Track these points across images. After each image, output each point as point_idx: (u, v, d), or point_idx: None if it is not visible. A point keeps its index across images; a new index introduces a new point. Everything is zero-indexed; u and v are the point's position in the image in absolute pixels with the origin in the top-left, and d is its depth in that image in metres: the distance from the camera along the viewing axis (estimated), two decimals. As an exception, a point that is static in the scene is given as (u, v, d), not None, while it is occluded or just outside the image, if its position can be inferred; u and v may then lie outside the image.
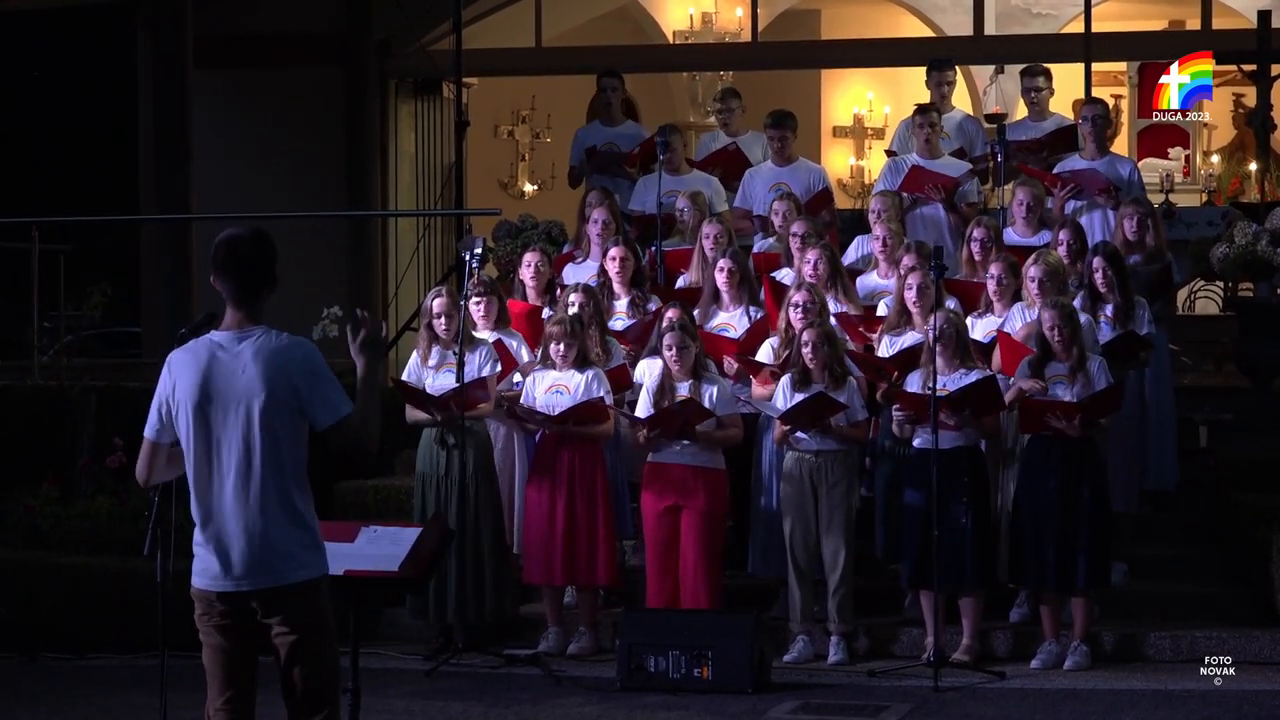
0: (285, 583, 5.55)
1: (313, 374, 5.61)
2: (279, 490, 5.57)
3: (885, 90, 21.12)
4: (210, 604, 5.59)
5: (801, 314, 9.86)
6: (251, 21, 16.48)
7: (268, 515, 5.55)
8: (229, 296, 5.64)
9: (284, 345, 5.62)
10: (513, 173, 20.17)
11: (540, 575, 9.95)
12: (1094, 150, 11.59)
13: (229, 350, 5.59)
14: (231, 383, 5.56)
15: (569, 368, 9.84)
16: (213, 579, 5.56)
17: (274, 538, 5.55)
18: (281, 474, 5.58)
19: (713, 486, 9.68)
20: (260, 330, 5.62)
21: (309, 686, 5.59)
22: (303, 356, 5.62)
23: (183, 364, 5.64)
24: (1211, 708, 8.73)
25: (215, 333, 5.65)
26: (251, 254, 5.63)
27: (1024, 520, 9.48)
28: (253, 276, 5.63)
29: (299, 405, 5.58)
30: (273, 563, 5.54)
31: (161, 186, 15.07)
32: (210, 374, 5.58)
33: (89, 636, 10.23)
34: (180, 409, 5.62)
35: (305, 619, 5.58)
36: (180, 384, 5.62)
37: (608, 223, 11.25)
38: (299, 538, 5.60)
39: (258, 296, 5.64)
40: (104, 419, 11.43)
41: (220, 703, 5.63)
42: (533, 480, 9.99)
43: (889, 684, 9.25)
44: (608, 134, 12.91)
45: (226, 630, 5.59)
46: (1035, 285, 9.85)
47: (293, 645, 5.56)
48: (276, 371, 5.56)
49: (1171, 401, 10.78)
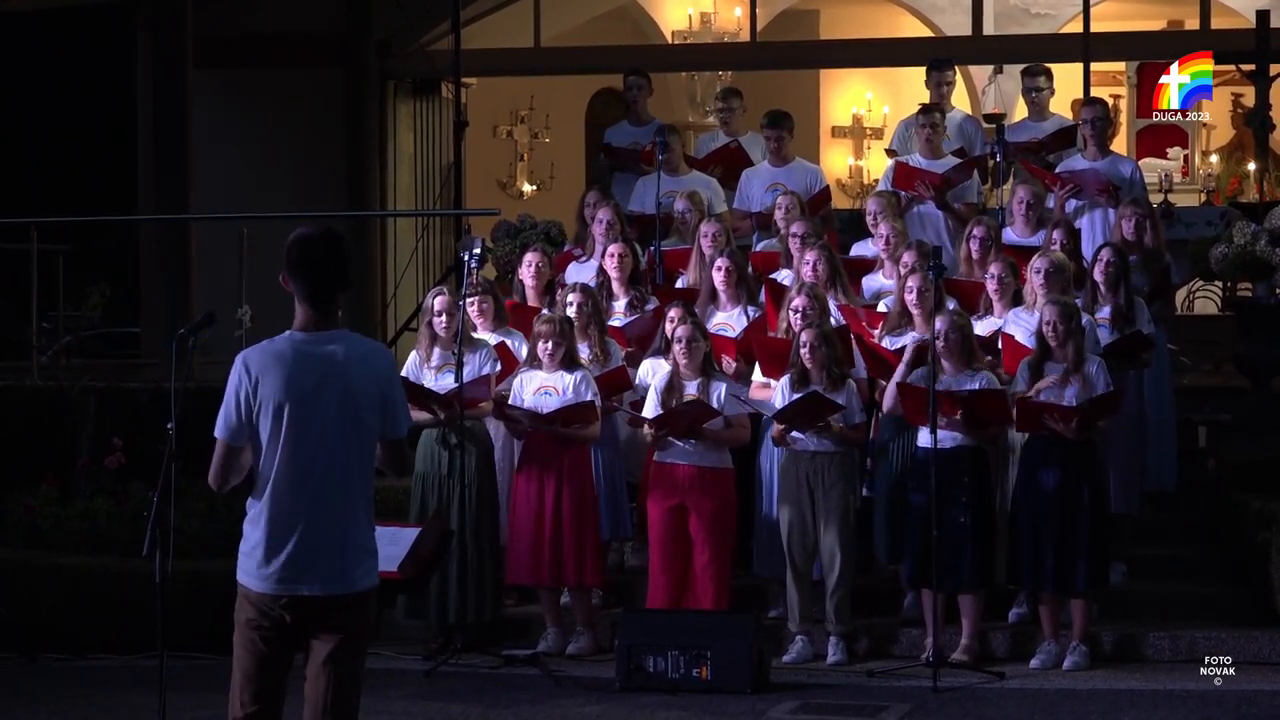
0: (355, 590, 5.50)
1: (394, 383, 5.61)
2: (364, 495, 5.54)
3: (884, 90, 21.12)
4: (268, 609, 5.47)
5: (801, 318, 9.86)
6: (251, 21, 16.50)
7: (355, 519, 5.50)
8: (305, 297, 5.53)
9: (372, 350, 5.60)
10: (511, 173, 20.19)
11: (524, 576, 9.94)
12: (1095, 151, 11.59)
13: (316, 350, 5.50)
14: (324, 384, 5.47)
15: (557, 368, 9.81)
16: (280, 582, 5.45)
17: (357, 543, 5.51)
18: (366, 478, 5.55)
19: (720, 487, 9.67)
20: (344, 332, 5.56)
21: (340, 693, 5.51)
22: (388, 364, 5.62)
23: (266, 363, 5.50)
24: (1211, 708, 8.72)
25: (295, 332, 5.54)
26: (327, 254, 5.54)
27: (1023, 521, 9.48)
28: (329, 276, 5.54)
29: (383, 412, 5.54)
30: (349, 569, 5.49)
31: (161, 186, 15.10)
32: (300, 374, 5.47)
33: (88, 637, 10.22)
34: (265, 408, 5.47)
35: (357, 626, 5.52)
36: (265, 383, 5.48)
37: (612, 223, 11.24)
38: (370, 544, 5.58)
39: (334, 296, 5.56)
40: (103, 419, 11.42)
41: (252, 709, 5.53)
42: (519, 480, 9.97)
43: (888, 684, 9.24)
44: (634, 134, 12.87)
45: (275, 638, 5.49)
46: (1041, 279, 9.83)
47: (334, 649, 5.48)
48: (368, 374, 5.51)
49: (1171, 402, 10.78)
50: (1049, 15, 20.20)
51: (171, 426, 5.96)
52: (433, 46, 15.83)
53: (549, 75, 18.08)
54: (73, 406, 11.63)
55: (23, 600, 10.35)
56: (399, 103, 16.74)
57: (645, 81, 13.09)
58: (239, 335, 11.26)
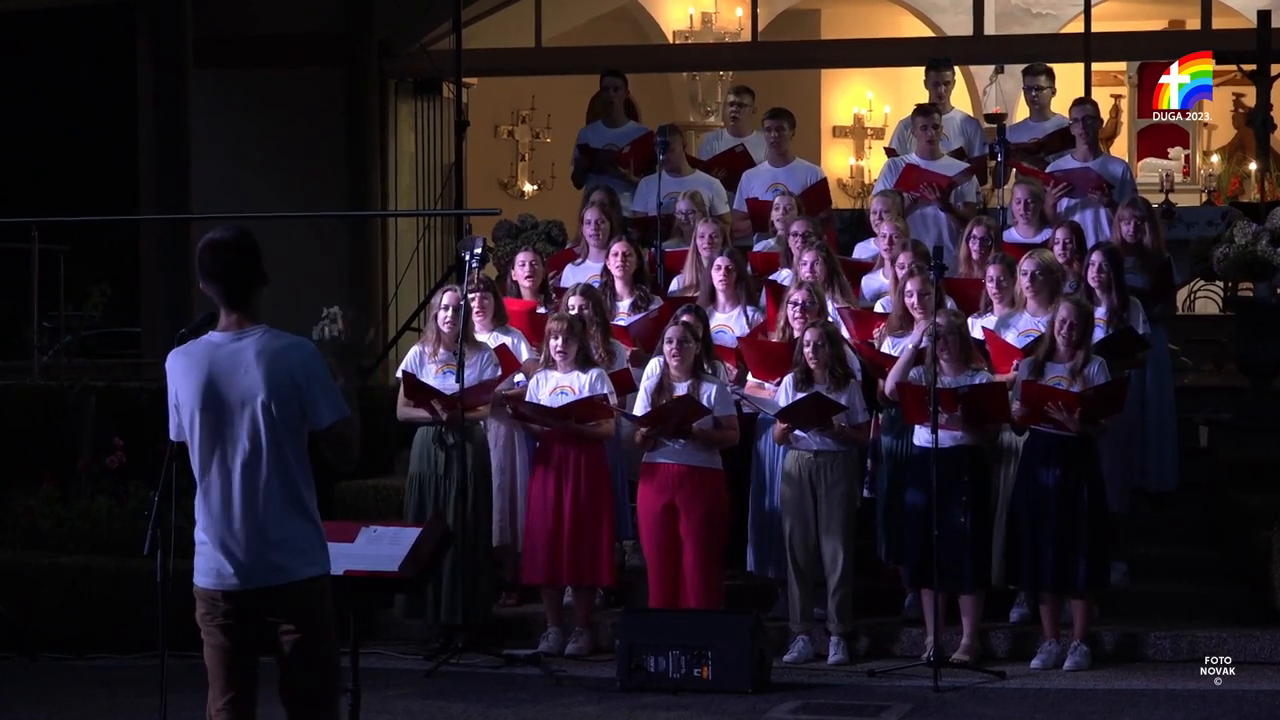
0: (291, 580, 5.55)
1: (313, 375, 5.62)
2: (284, 488, 5.58)
3: (885, 90, 21.12)
4: (214, 603, 5.58)
5: (800, 313, 9.86)
6: (251, 21, 16.49)
7: (274, 513, 5.55)
8: (220, 300, 5.63)
9: (285, 345, 5.62)
10: (512, 173, 20.18)
11: (542, 575, 9.94)
12: (1086, 151, 11.59)
13: (228, 350, 5.59)
14: (234, 382, 5.56)
15: (571, 367, 9.82)
16: (218, 578, 5.56)
17: (280, 535, 5.55)
18: (287, 472, 5.58)
19: (710, 486, 9.66)
20: (260, 329, 5.62)
21: (309, 686, 5.59)
22: (304, 357, 5.62)
23: (182, 367, 5.64)
24: (1211, 708, 8.72)
25: (213, 334, 5.65)
26: (234, 255, 5.61)
27: (1023, 520, 9.48)
28: (240, 277, 5.61)
29: (300, 405, 5.59)
30: (279, 560, 5.55)
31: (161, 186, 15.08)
32: (212, 375, 5.57)
33: (89, 637, 10.22)
34: (184, 410, 5.62)
35: (309, 617, 5.58)
36: (183, 386, 5.62)
37: (599, 223, 11.22)
38: (305, 535, 5.62)
39: (249, 296, 5.63)
40: (104, 419, 11.43)
41: (222, 703, 5.62)
42: (535, 479, 9.98)
43: (889, 684, 9.24)
44: (610, 135, 12.86)
45: (229, 630, 5.59)
46: (1028, 281, 9.86)
47: (295, 644, 5.55)
48: (279, 371, 5.56)
49: (1172, 402, 10.78)
50: (1050, 15, 20.20)
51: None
52: (433, 46, 15.83)
53: (550, 75, 18.07)
54: (73, 406, 11.64)
55: (23, 600, 10.35)
56: (400, 102, 16.73)
57: (622, 82, 13.05)
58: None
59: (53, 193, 17.10)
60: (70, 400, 11.67)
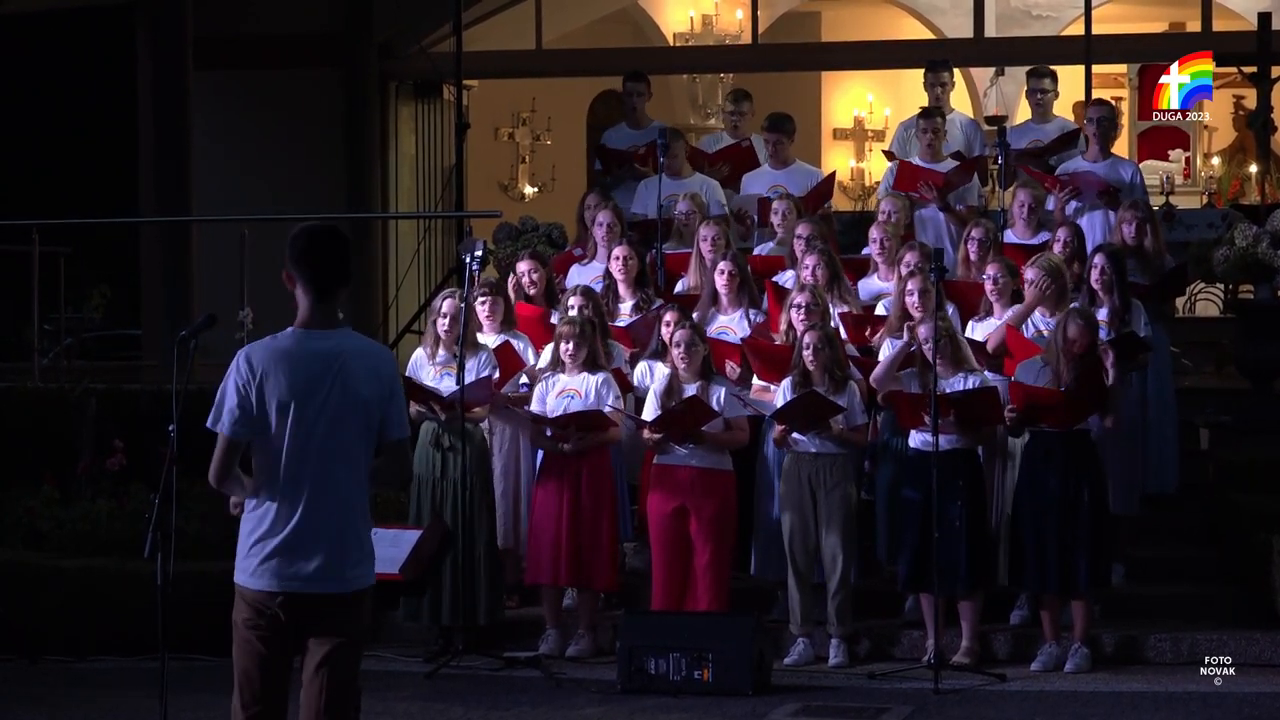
0: (350, 590, 5.48)
1: (396, 383, 5.58)
2: (362, 494, 5.51)
3: (885, 92, 21.13)
4: (264, 607, 5.44)
5: (804, 314, 9.86)
6: (251, 22, 16.51)
7: (354, 517, 5.48)
8: (310, 291, 5.48)
9: (375, 349, 5.57)
10: (513, 175, 20.18)
11: (545, 576, 9.93)
12: (1097, 152, 11.58)
13: (319, 346, 5.46)
14: (326, 380, 5.43)
15: (579, 370, 9.82)
16: (285, 579, 5.41)
17: (355, 541, 5.49)
18: (364, 478, 5.52)
19: (721, 489, 9.66)
20: (346, 329, 5.53)
21: (336, 695, 5.49)
22: (391, 364, 5.58)
23: (271, 360, 5.46)
24: (1212, 709, 8.73)
25: (298, 329, 5.51)
26: (331, 246, 5.51)
27: (1024, 522, 9.48)
28: (332, 268, 5.51)
29: (382, 412, 5.52)
30: (346, 568, 5.46)
31: (161, 187, 15.10)
32: (305, 370, 5.43)
33: (89, 638, 10.21)
34: (269, 405, 5.44)
35: (353, 627, 5.51)
36: (270, 380, 5.44)
37: (613, 225, 11.23)
38: (367, 545, 5.56)
39: (336, 291, 5.52)
40: (104, 421, 11.42)
41: (254, 710, 5.51)
42: (541, 482, 9.98)
43: (889, 686, 9.24)
44: (633, 137, 12.84)
45: (271, 638, 5.46)
46: (1032, 287, 9.86)
47: (330, 651, 5.46)
48: (373, 373, 5.49)
49: (1172, 404, 10.78)
50: (1050, 17, 20.21)
51: (173, 428, 5.94)
52: (434, 48, 15.84)
53: (550, 77, 18.08)
54: (74, 408, 11.63)
55: (23, 602, 10.34)
56: (400, 104, 16.74)
57: (645, 86, 13.04)
58: (240, 337, 11.24)
59: (53, 194, 17.08)
60: (71, 402, 11.67)
